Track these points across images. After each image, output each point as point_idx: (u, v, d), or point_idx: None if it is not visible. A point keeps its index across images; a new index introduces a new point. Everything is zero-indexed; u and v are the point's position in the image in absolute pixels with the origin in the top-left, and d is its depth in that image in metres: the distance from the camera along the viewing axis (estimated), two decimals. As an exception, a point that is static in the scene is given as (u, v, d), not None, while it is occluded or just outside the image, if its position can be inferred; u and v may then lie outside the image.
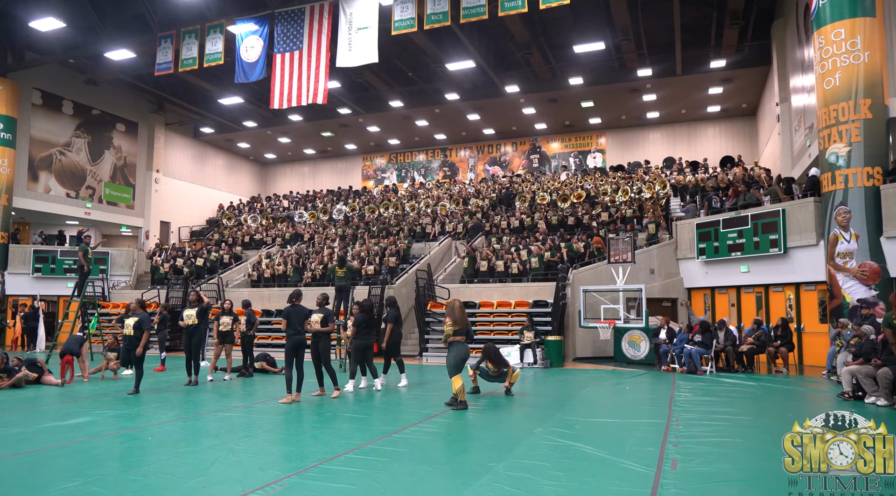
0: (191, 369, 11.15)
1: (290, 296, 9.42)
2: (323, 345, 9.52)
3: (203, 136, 32.31)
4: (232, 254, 23.63)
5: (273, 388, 10.88)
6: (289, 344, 9.18)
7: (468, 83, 26.56)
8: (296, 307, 9.32)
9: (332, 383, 9.67)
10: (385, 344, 10.60)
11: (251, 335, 12.54)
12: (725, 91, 26.01)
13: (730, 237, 16.25)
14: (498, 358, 9.62)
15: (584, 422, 7.32)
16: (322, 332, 9.46)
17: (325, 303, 9.71)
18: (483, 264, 17.25)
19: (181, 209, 31.38)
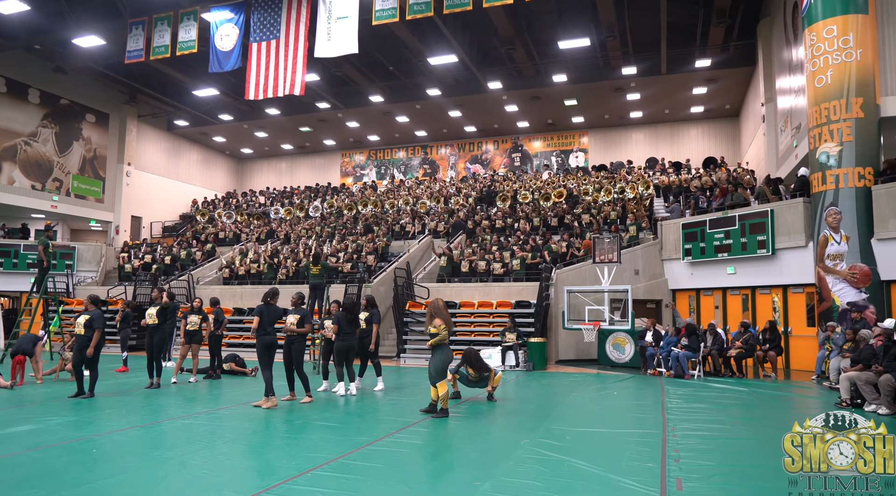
0: (152, 371, 10.46)
1: (265, 295, 8.80)
2: (297, 347, 8.93)
3: (177, 128, 31.36)
4: (204, 251, 22.81)
5: (241, 391, 10.23)
6: (259, 345, 8.60)
7: (450, 79, 26.01)
8: (269, 306, 8.71)
9: (304, 388, 9.05)
10: (373, 346, 10.04)
11: (219, 335, 11.85)
12: (709, 91, 25.79)
13: (716, 238, 15.91)
14: (479, 362, 9.10)
15: (574, 432, 6.81)
16: (297, 334, 8.87)
17: (300, 303, 9.10)
18: (464, 263, 16.71)
19: (153, 204, 30.40)
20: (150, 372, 10.46)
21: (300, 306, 9.07)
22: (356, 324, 9.57)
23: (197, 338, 11.35)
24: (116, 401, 9.07)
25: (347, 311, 9.47)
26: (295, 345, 8.87)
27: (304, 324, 8.87)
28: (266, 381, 8.56)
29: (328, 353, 10.14)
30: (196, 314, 11.47)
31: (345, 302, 9.59)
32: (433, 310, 7.92)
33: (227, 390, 10.51)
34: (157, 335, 10.39)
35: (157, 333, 10.39)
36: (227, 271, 19.20)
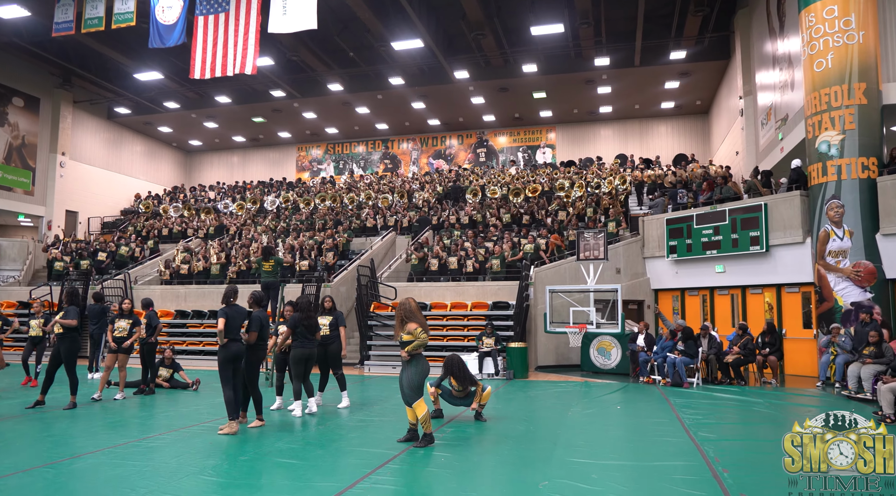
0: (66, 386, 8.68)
1: (225, 294, 7.19)
2: (254, 358, 7.37)
3: (118, 117, 29.00)
4: (146, 248, 20.77)
5: (176, 411, 8.57)
6: (222, 355, 7.00)
7: (414, 67, 24.57)
8: (234, 308, 7.14)
9: (255, 409, 7.48)
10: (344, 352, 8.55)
11: (152, 342, 10.10)
12: (682, 85, 25.04)
13: (704, 234, 14.90)
14: (463, 373, 7.69)
15: (598, 467, 5.44)
16: (256, 343, 7.33)
17: (260, 303, 7.55)
18: (433, 261, 15.26)
19: (92, 198, 28.01)
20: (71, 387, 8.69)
21: (259, 308, 7.52)
22: (315, 329, 8.05)
23: (126, 348, 9.61)
24: (8, 429, 7.31)
25: (301, 312, 7.92)
26: (252, 355, 7.33)
27: (264, 331, 7.37)
28: (227, 401, 7.00)
29: (283, 364, 8.59)
30: (125, 318, 9.73)
31: (299, 302, 8.03)
32: (404, 313, 6.47)
33: (161, 409, 8.82)
34: (66, 343, 8.57)
35: (65, 342, 8.57)
36: (167, 271, 17.30)
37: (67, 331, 8.50)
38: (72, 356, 8.55)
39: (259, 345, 7.38)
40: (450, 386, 7.75)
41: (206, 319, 15.56)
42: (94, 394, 9.39)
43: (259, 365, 7.39)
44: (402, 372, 6.49)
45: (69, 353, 8.52)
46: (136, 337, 9.79)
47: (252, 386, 7.33)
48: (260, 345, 7.41)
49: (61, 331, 8.49)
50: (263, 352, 7.53)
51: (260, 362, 7.41)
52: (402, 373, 6.46)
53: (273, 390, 9.00)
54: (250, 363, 7.28)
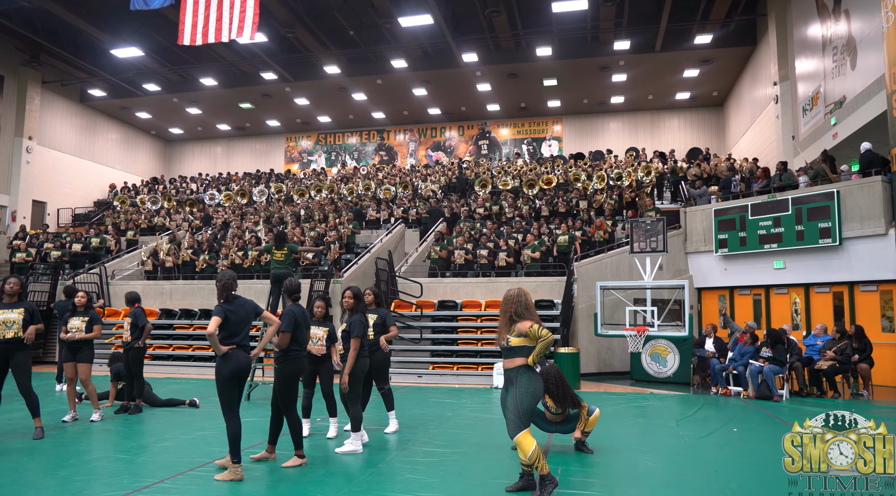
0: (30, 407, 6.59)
1: (223, 286, 5.20)
2: (288, 371, 5.50)
3: (92, 100, 26.66)
4: (122, 240, 18.61)
5: (178, 439, 6.63)
6: (223, 370, 5.06)
7: (418, 49, 22.78)
8: (237, 302, 5.23)
9: (294, 442, 5.52)
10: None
11: (139, 348, 8.11)
12: (701, 74, 23.61)
13: (762, 226, 13.31)
14: (563, 391, 5.88)
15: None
16: (289, 349, 5.52)
17: (295, 294, 5.70)
18: (458, 254, 13.43)
19: (62, 187, 25.66)
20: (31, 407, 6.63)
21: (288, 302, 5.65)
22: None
23: (85, 355, 7.46)
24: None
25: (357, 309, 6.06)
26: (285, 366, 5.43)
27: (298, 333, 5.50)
28: (233, 438, 5.06)
29: (312, 378, 6.68)
30: (80, 316, 7.54)
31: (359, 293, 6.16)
32: (517, 308, 4.66)
33: (154, 436, 6.84)
34: (18, 354, 6.43)
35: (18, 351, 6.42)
36: (149, 259, 15.18)
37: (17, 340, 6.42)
38: (25, 371, 6.43)
39: (294, 352, 5.48)
40: (543, 407, 5.96)
41: (196, 319, 13.54)
42: (64, 416, 7.37)
43: (296, 380, 5.47)
44: (505, 391, 4.70)
45: (23, 368, 6.41)
46: (94, 335, 7.52)
47: (287, 409, 5.41)
48: (295, 352, 5.50)
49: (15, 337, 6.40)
50: (302, 364, 5.57)
51: (297, 376, 5.48)
52: (507, 393, 4.66)
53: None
54: (285, 378, 5.39)
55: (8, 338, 6.32)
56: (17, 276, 6.53)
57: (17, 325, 6.32)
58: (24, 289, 6.69)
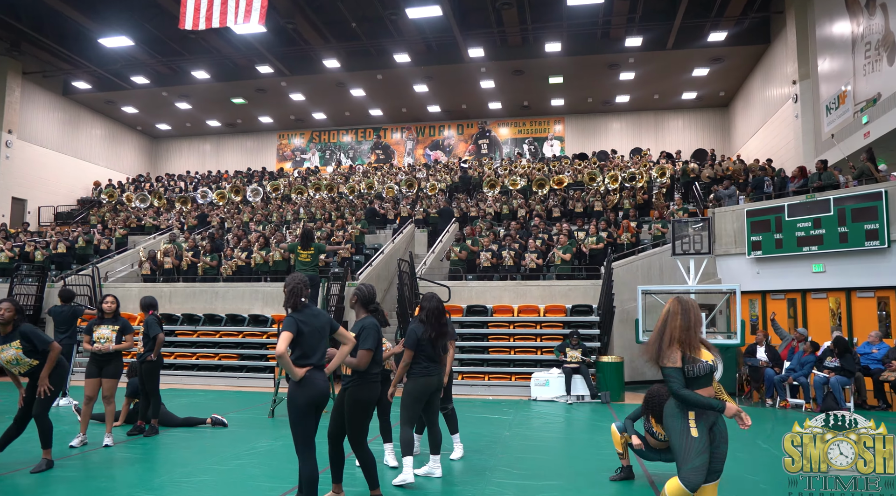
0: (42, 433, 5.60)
1: (292, 290, 4.22)
2: (362, 396, 4.53)
3: (76, 93, 25.39)
4: (113, 239, 17.49)
5: (210, 469, 5.69)
6: (304, 394, 4.11)
7: (422, 43, 21.97)
8: (310, 312, 4.27)
9: (367, 476, 4.55)
10: (446, 378, 5.85)
11: (154, 361, 7.12)
12: (710, 73, 23.10)
13: (800, 227, 12.68)
14: None
15: None
16: (368, 371, 4.58)
17: (371, 303, 4.82)
18: (485, 256, 12.60)
19: (44, 184, 24.37)
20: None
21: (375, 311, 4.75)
22: (446, 348, 5.40)
23: (113, 369, 6.58)
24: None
25: (435, 322, 5.22)
26: (352, 393, 4.52)
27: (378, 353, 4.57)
28: (309, 480, 4.08)
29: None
30: (108, 324, 6.68)
31: (428, 303, 5.32)
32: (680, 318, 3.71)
33: (178, 464, 5.90)
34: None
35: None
36: (148, 262, 14.12)
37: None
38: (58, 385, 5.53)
39: (373, 375, 4.57)
40: (649, 430, 5.15)
41: (199, 325, 12.53)
42: (72, 440, 6.39)
43: (371, 408, 4.55)
44: (709, 431, 3.63)
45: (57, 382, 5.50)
46: (126, 346, 6.70)
47: (359, 443, 4.47)
48: (374, 375, 4.59)
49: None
50: (378, 388, 4.62)
51: (373, 404, 4.55)
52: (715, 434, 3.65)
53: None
54: (359, 405, 4.47)
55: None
56: (10, 300, 5.44)
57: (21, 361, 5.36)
58: (22, 314, 5.55)
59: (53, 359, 5.35)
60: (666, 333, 3.65)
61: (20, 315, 5.40)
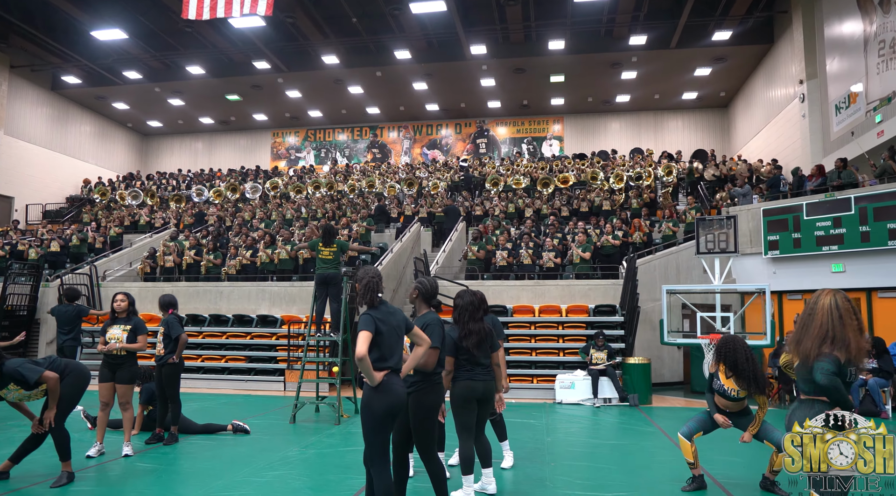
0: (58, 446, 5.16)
1: (367, 286, 3.85)
2: (428, 401, 4.13)
3: (65, 88, 24.71)
4: (108, 238, 16.92)
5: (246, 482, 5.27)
6: (382, 401, 3.72)
7: (423, 40, 21.62)
8: (385, 310, 3.85)
9: (440, 491, 4.12)
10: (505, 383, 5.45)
11: (174, 364, 6.72)
12: (712, 73, 22.96)
13: (820, 226, 12.48)
14: (751, 366, 4.69)
15: None
16: (434, 373, 4.20)
17: (433, 300, 4.40)
18: (501, 255, 12.25)
19: (31, 181, 23.68)
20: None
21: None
22: (495, 347, 5.01)
23: (127, 373, 6.09)
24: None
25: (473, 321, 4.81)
26: (417, 398, 4.12)
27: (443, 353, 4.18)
28: (384, 491, 3.65)
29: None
30: (120, 324, 6.17)
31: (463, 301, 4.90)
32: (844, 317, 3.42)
33: (208, 477, 5.46)
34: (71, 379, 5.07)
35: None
36: (149, 262, 13.60)
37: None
38: (74, 396, 5.09)
39: (438, 376, 4.22)
40: (721, 391, 4.75)
41: (205, 326, 12.06)
42: (89, 450, 5.92)
43: (437, 413, 4.16)
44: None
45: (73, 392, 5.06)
46: (138, 347, 6.16)
47: (429, 452, 4.06)
48: (439, 376, 4.23)
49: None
50: (443, 390, 4.27)
51: (438, 408, 4.18)
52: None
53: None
54: (428, 410, 4.10)
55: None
56: None
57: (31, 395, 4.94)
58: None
59: (55, 390, 4.88)
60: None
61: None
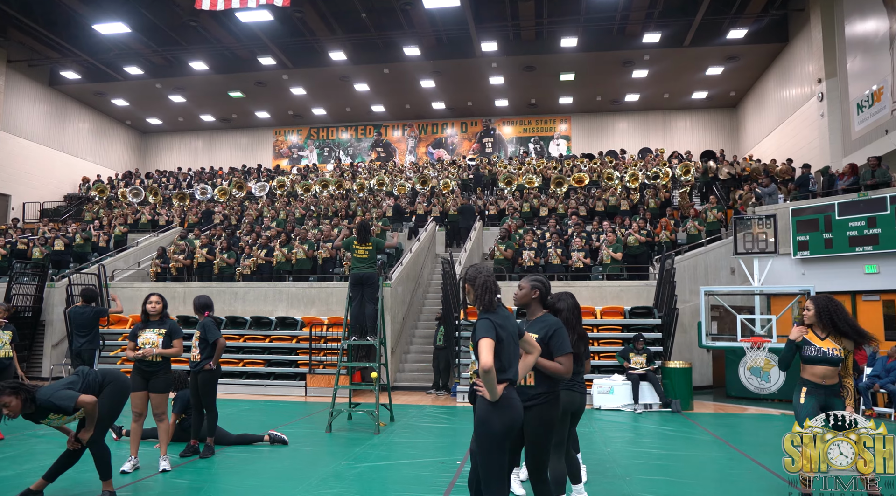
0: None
1: (484, 286, 3.41)
2: (548, 416, 3.67)
3: (64, 83, 24.11)
4: (112, 236, 16.40)
5: None
6: (503, 418, 3.28)
7: (433, 37, 21.21)
8: (505, 313, 3.41)
9: None
10: None
11: (211, 370, 6.24)
12: (724, 72, 22.68)
13: (853, 226, 12.17)
14: (843, 318, 4.38)
15: None
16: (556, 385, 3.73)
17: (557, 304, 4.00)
18: (528, 255, 11.85)
19: (28, 179, 23.07)
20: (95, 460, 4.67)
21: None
22: (587, 353, 4.58)
23: (161, 382, 5.61)
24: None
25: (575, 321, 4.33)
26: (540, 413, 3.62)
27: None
28: None
29: None
30: (154, 327, 5.69)
31: (559, 302, 4.37)
32: None
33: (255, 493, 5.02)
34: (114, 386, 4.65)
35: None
36: (157, 264, 13.10)
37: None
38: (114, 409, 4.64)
39: (559, 389, 3.73)
40: (817, 351, 4.31)
41: (221, 329, 11.56)
42: (123, 464, 5.44)
43: (554, 429, 3.68)
44: None
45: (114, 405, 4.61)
46: (173, 352, 5.69)
47: (542, 471, 3.59)
48: (559, 389, 3.76)
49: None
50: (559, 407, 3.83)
51: (556, 423, 3.69)
52: None
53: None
54: (548, 424, 3.61)
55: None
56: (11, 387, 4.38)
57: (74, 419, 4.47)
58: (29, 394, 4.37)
59: (93, 413, 4.43)
60: None
61: (27, 395, 4.26)
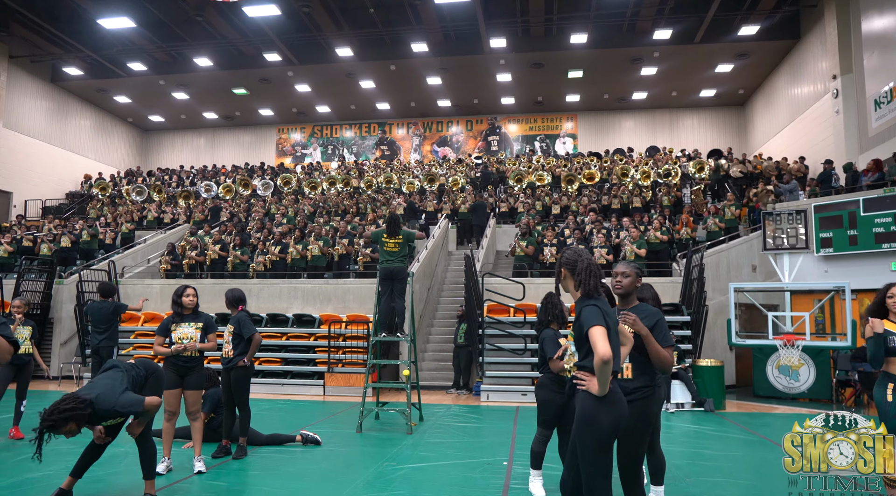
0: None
1: (589, 270, 3.12)
2: (654, 410, 3.55)
3: (66, 80, 23.78)
4: (118, 233, 16.09)
5: None
6: (611, 414, 3.00)
7: (441, 33, 20.99)
8: (605, 301, 3.12)
9: None
10: None
11: (244, 368, 5.95)
12: (734, 69, 22.51)
13: (879, 223, 11.97)
14: None
15: None
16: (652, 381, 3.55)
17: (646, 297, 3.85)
18: (549, 251, 11.62)
19: (29, 176, 22.75)
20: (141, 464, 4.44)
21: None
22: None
23: (196, 378, 5.37)
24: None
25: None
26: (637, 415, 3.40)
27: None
28: None
29: None
30: (190, 321, 5.48)
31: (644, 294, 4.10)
32: None
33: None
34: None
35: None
36: (168, 260, 12.82)
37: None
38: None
39: (659, 383, 3.57)
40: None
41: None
42: (160, 463, 5.18)
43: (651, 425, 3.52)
44: None
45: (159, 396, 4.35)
46: (211, 346, 5.53)
47: (637, 472, 3.37)
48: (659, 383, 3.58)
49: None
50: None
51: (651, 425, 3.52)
52: None
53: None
54: (649, 421, 3.42)
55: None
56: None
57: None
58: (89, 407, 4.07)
59: (154, 412, 4.17)
60: None
61: (83, 414, 3.93)
